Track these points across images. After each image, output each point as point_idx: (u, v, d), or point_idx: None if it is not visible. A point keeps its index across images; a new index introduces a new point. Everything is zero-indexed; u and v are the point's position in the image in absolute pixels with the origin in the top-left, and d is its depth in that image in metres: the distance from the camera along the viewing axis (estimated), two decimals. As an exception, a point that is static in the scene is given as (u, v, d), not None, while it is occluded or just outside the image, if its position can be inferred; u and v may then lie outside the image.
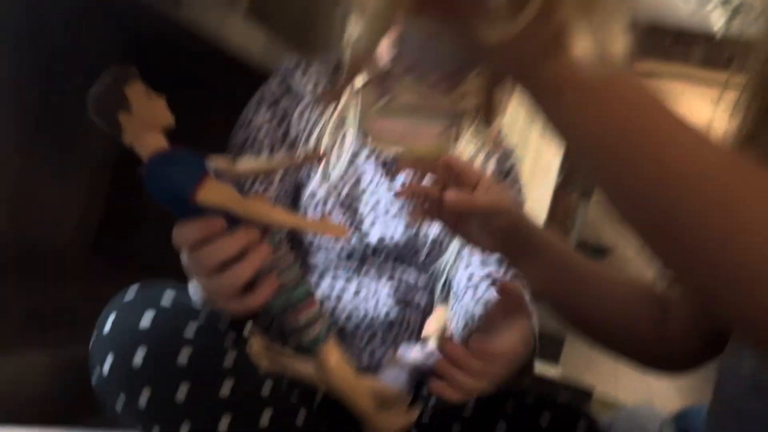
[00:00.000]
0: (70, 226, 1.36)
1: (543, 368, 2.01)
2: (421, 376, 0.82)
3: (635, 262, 7.15)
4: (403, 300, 0.87)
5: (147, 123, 0.53)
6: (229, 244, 0.54)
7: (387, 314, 0.86)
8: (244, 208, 0.53)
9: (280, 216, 0.55)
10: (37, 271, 1.20)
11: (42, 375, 0.82)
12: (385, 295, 0.86)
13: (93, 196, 1.40)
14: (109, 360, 0.64)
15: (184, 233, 0.55)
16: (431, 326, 0.86)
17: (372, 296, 0.86)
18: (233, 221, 0.54)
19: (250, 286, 0.56)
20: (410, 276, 0.87)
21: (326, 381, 0.62)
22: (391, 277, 0.86)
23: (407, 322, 0.87)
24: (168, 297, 0.68)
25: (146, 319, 0.65)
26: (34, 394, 0.82)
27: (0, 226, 1.20)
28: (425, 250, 0.87)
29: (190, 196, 0.52)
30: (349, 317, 0.83)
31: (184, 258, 0.57)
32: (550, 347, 2.10)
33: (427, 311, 0.91)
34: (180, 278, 0.84)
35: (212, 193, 0.53)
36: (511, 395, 0.74)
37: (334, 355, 0.61)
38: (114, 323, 0.66)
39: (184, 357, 0.63)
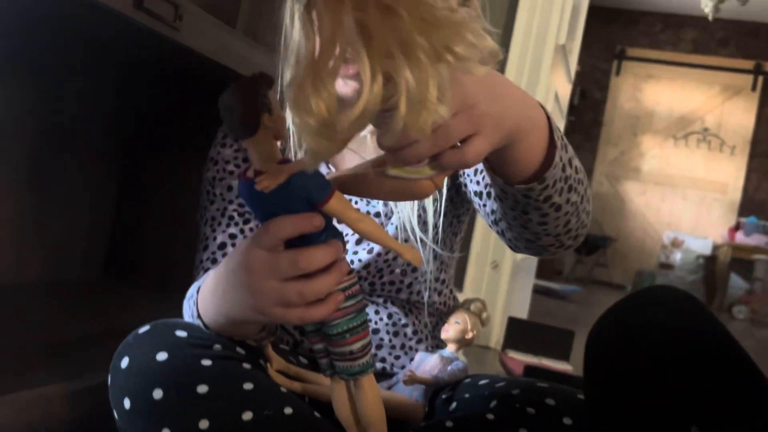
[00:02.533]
0: (78, 252, 1.36)
1: (554, 364, 2.01)
2: (440, 386, 0.82)
3: (636, 251, 7.14)
4: (405, 302, 0.87)
5: (274, 131, 0.55)
6: (326, 254, 0.57)
7: (390, 317, 0.86)
8: (357, 223, 0.57)
9: (383, 236, 0.58)
10: (49, 299, 1.20)
11: (58, 405, 0.82)
12: (382, 301, 0.86)
13: (99, 222, 1.40)
14: (129, 397, 0.64)
15: (289, 225, 0.56)
16: (450, 331, 0.85)
17: (371, 304, 0.85)
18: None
19: None
20: (404, 278, 0.87)
21: (347, 410, 0.64)
22: (383, 285, 0.86)
23: (413, 325, 0.87)
24: (180, 332, 0.69)
25: (162, 354, 0.65)
26: (52, 425, 0.82)
27: (9, 256, 1.19)
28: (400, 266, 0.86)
29: (322, 202, 0.56)
30: None
31: (264, 258, 0.58)
32: (560, 344, 2.10)
33: (437, 310, 0.90)
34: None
35: (339, 203, 0.57)
36: (530, 398, 0.74)
37: (372, 388, 0.63)
38: (130, 362, 0.66)
39: (203, 387, 0.64)
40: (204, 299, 0.69)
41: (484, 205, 0.80)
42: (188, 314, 0.75)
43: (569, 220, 0.72)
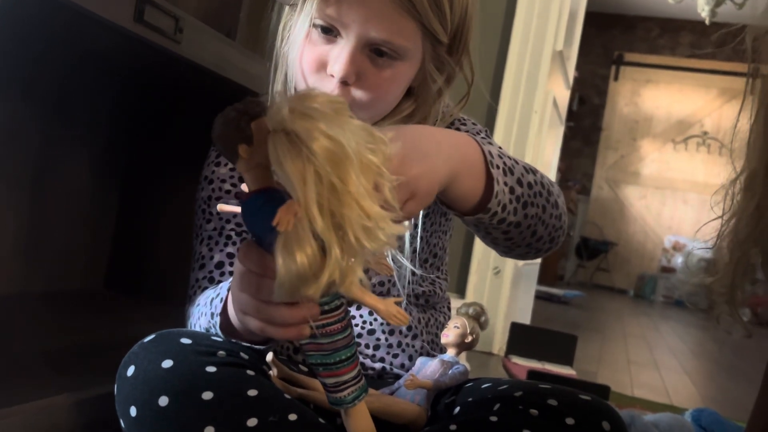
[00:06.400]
0: (79, 264, 1.36)
1: (558, 369, 2.01)
2: (441, 390, 0.83)
3: (637, 255, 7.12)
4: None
5: (262, 159, 0.54)
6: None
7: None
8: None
9: (367, 298, 0.58)
10: (51, 310, 1.21)
11: (64, 415, 0.82)
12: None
13: (100, 234, 1.40)
14: (135, 405, 0.65)
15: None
16: (450, 335, 0.85)
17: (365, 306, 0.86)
18: None
19: None
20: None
21: None
22: (374, 285, 0.86)
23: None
24: (185, 339, 0.70)
25: (167, 362, 0.66)
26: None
27: (11, 267, 1.20)
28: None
29: None
30: None
31: (239, 270, 0.61)
32: (563, 348, 2.10)
33: (427, 300, 0.91)
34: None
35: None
36: (533, 399, 0.74)
37: (358, 421, 0.63)
38: (136, 370, 0.67)
39: (208, 393, 0.64)
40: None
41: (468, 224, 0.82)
42: (206, 314, 0.76)
43: (535, 230, 0.77)
